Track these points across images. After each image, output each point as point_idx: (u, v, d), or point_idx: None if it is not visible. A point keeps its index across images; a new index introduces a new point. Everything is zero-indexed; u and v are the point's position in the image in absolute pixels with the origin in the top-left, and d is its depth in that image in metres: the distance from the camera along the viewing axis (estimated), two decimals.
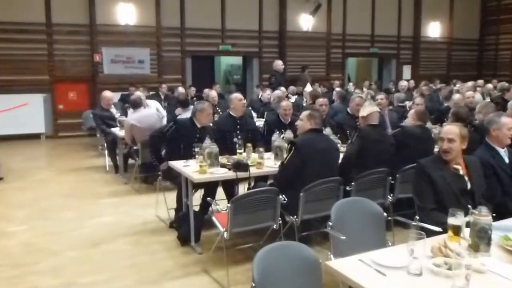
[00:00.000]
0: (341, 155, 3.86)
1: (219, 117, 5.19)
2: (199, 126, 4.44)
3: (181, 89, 8.57)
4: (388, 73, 13.75)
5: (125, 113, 6.70)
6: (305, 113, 3.64)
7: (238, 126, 4.71)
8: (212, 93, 7.36)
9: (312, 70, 11.68)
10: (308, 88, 8.76)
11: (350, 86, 9.85)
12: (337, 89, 8.65)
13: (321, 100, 5.61)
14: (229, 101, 4.84)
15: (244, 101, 4.82)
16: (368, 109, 4.01)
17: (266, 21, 11.49)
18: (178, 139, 4.34)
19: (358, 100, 5.48)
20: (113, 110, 6.73)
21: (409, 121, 4.31)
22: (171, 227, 4.29)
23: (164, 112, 6.71)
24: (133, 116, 5.60)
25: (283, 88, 8.29)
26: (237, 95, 4.79)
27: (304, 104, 7.75)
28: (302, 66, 11.46)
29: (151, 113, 5.72)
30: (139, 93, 6.53)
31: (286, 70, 11.52)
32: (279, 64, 8.86)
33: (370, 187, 3.66)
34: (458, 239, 2.15)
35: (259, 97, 8.27)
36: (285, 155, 3.60)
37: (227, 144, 4.51)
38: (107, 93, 6.74)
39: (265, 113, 6.59)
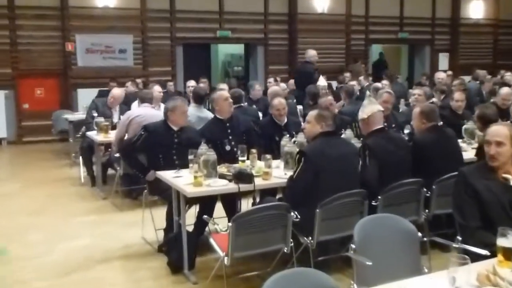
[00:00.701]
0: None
1: (203, 126, 5.16)
2: (175, 128, 4.46)
3: (199, 84, 8.38)
4: (420, 63, 13.76)
5: (105, 113, 6.67)
6: (312, 114, 3.64)
7: (229, 130, 4.67)
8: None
9: (328, 61, 11.72)
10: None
11: (362, 79, 9.77)
12: (354, 83, 8.64)
13: (324, 100, 5.52)
14: (212, 102, 4.80)
15: (230, 101, 4.74)
16: (368, 109, 3.87)
17: (273, 2, 11.55)
18: (152, 148, 4.38)
19: (386, 96, 5.44)
20: (115, 112, 6.67)
21: (416, 124, 4.18)
22: (159, 251, 4.30)
23: None
24: (136, 111, 5.61)
25: (283, 84, 8.32)
26: (221, 94, 4.71)
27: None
28: (355, 58, 11.56)
29: (159, 114, 5.52)
30: (158, 88, 6.63)
31: (296, 60, 11.57)
32: (312, 54, 8.90)
33: (400, 201, 3.65)
34: (509, 264, 2.14)
35: (248, 95, 8.17)
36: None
37: (219, 154, 4.44)
38: (113, 90, 6.75)
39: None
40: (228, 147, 4.58)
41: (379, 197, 3.53)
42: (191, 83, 7.95)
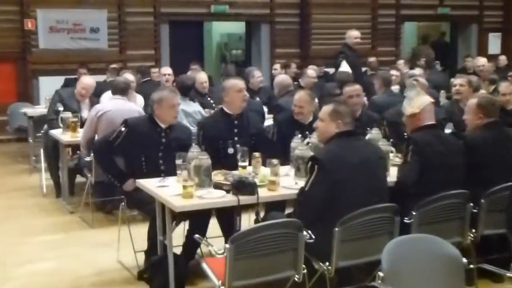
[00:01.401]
0: (395, 171, 3.86)
1: (206, 117, 5.17)
2: (163, 126, 4.48)
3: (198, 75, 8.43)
4: (465, 45, 13.71)
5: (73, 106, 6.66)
6: (326, 110, 3.64)
7: (236, 130, 4.71)
8: (201, 76, 7.41)
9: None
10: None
11: (401, 65, 9.83)
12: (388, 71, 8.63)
13: (349, 90, 5.46)
14: (223, 92, 4.83)
15: (246, 94, 4.79)
16: (418, 101, 3.93)
17: None
18: (134, 149, 4.40)
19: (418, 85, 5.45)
20: (85, 106, 6.66)
21: (471, 119, 4.19)
22: (140, 279, 4.30)
23: None
24: (107, 104, 5.63)
25: (311, 71, 8.27)
26: (235, 83, 4.77)
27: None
28: (423, 35, 11.51)
29: (134, 109, 5.62)
30: (129, 77, 6.59)
31: (309, 42, 11.57)
32: (352, 35, 8.96)
33: (441, 218, 3.65)
34: None
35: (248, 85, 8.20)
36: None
37: (219, 157, 4.50)
38: (84, 80, 6.76)
39: (275, 116, 6.57)
40: (231, 150, 4.58)
41: (413, 212, 3.53)
42: (167, 70, 7.93)
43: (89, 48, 10.13)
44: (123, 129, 4.44)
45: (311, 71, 8.31)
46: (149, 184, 3.96)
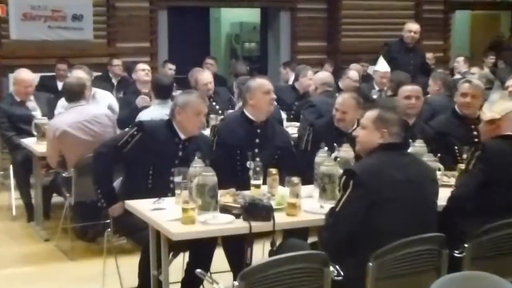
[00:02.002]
0: (444, 193, 3.83)
1: (222, 121, 5.17)
2: (182, 136, 4.49)
3: (168, 68, 8.57)
4: None
5: (50, 111, 6.77)
6: (370, 116, 3.64)
7: (258, 140, 4.76)
8: (205, 76, 7.42)
9: (389, 34, 11.65)
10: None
11: (460, 63, 9.82)
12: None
13: (409, 89, 5.55)
14: (247, 92, 4.85)
15: (273, 96, 4.83)
16: (501, 106, 3.96)
17: None
18: (143, 158, 4.40)
19: (467, 87, 5.41)
20: (32, 104, 6.82)
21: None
22: None
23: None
24: (65, 117, 5.67)
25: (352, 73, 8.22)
26: (262, 83, 4.82)
27: (375, 96, 7.76)
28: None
29: (100, 113, 5.77)
30: (81, 74, 6.59)
31: (340, 33, 11.54)
32: (407, 28, 9.03)
33: (500, 251, 3.63)
34: None
35: (291, 82, 8.30)
36: (337, 193, 3.59)
37: (235, 171, 4.55)
38: (23, 74, 6.82)
39: (302, 113, 6.63)
40: (250, 164, 4.52)
41: (466, 245, 3.51)
42: (142, 66, 7.91)
43: (71, 39, 10.15)
44: (135, 132, 4.43)
45: (354, 72, 8.13)
46: (141, 206, 3.96)
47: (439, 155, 4.62)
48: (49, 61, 9.50)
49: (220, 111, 6.82)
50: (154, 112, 5.89)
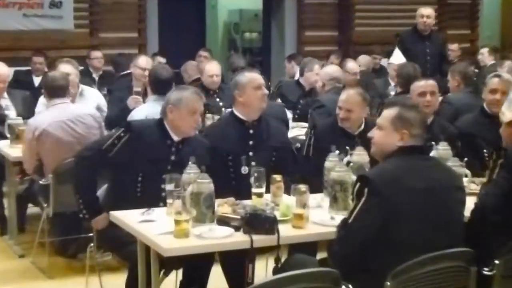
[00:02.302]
0: (471, 202, 3.81)
1: (211, 125, 5.19)
2: (175, 138, 4.48)
3: (158, 62, 8.57)
4: None
5: (26, 110, 6.73)
6: (388, 115, 3.63)
7: (252, 142, 4.77)
8: (213, 67, 7.39)
9: (407, 23, 11.63)
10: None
11: (485, 55, 9.78)
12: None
13: (422, 84, 5.56)
14: (235, 89, 4.87)
15: (265, 91, 4.83)
16: None
17: None
18: (131, 163, 4.39)
19: (496, 82, 5.41)
20: (5, 102, 6.76)
21: None
22: None
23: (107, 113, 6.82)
24: (45, 115, 5.67)
25: (350, 64, 8.22)
26: (252, 77, 4.83)
27: (392, 93, 7.73)
28: None
29: (84, 112, 5.71)
30: (68, 69, 6.56)
31: (353, 21, 11.53)
32: (419, 13, 9.01)
33: None
34: None
35: (297, 78, 8.29)
36: (350, 202, 3.59)
37: (229, 179, 4.56)
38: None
39: (311, 113, 6.62)
40: (245, 169, 4.56)
41: (496, 261, 3.49)
42: (144, 62, 7.78)
43: (48, 29, 10.24)
44: (122, 134, 4.42)
45: (352, 63, 8.24)
46: (128, 218, 3.94)
47: (465, 159, 4.62)
48: (24, 53, 9.57)
49: (223, 108, 6.77)
50: (149, 109, 5.84)
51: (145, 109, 5.97)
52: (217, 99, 7.20)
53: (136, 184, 4.38)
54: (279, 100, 7.43)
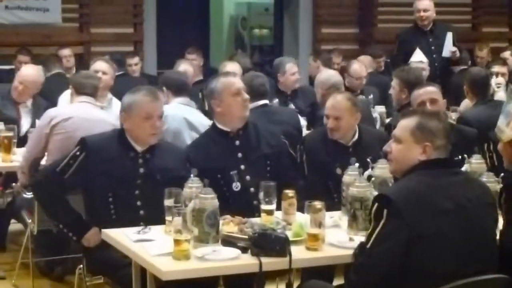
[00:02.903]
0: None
1: (192, 143, 5.17)
2: (138, 149, 4.51)
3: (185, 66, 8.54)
4: None
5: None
6: (406, 125, 3.59)
7: (240, 154, 4.76)
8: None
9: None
10: None
11: (510, 60, 9.70)
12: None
13: (420, 93, 5.50)
14: (211, 98, 4.80)
15: (245, 96, 4.77)
16: None
17: None
18: (95, 184, 4.44)
19: None
20: (27, 112, 6.85)
21: None
22: None
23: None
24: (69, 108, 5.76)
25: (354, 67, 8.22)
26: (227, 82, 4.78)
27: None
28: None
29: (108, 120, 5.66)
30: (103, 67, 6.68)
31: (376, 17, 11.54)
32: (415, 7, 9.09)
33: None
34: None
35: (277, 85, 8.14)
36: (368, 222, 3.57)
37: (224, 198, 4.42)
38: (28, 71, 6.87)
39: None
40: (236, 186, 4.59)
41: None
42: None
43: (34, 23, 10.22)
44: (78, 153, 4.46)
45: (357, 66, 8.18)
46: (122, 237, 3.96)
47: (502, 175, 4.40)
48: (6, 50, 9.63)
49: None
50: (175, 111, 5.88)
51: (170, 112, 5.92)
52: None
53: (109, 206, 4.41)
54: (292, 106, 7.45)
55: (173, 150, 4.81)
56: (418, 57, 8.37)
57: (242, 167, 4.69)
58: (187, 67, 7.55)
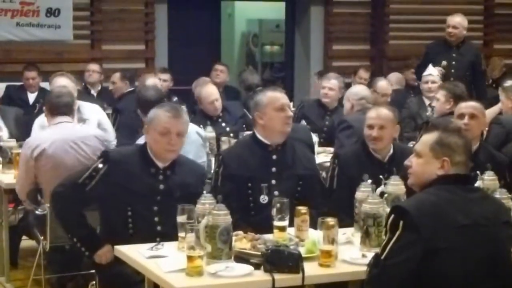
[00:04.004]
0: None
1: (228, 148, 5.21)
2: (160, 165, 4.51)
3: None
4: None
5: (19, 130, 6.88)
6: (426, 140, 3.61)
7: (274, 169, 4.79)
8: (209, 90, 7.41)
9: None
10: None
11: None
12: None
13: (462, 106, 5.63)
14: (255, 110, 4.87)
15: (289, 113, 4.82)
16: None
17: None
18: (115, 198, 4.44)
19: None
20: None
21: None
22: None
23: (111, 133, 6.85)
24: (46, 134, 5.73)
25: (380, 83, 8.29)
26: (274, 97, 4.83)
27: (429, 113, 7.80)
28: None
29: (90, 133, 5.75)
30: (63, 81, 6.64)
31: (387, 33, 11.56)
32: (447, 22, 9.15)
33: None
34: None
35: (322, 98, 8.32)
36: (383, 236, 3.56)
37: (248, 209, 4.57)
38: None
39: (337, 136, 6.69)
40: (264, 198, 4.58)
41: None
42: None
43: (45, 39, 10.25)
44: (100, 165, 4.47)
45: (384, 83, 8.23)
46: (135, 254, 3.96)
47: None
48: (17, 67, 9.61)
49: (231, 134, 6.83)
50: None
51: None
52: (223, 124, 7.21)
53: (127, 221, 4.41)
54: (303, 122, 7.47)
55: (192, 166, 4.82)
56: (429, 71, 8.39)
57: (273, 182, 4.70)
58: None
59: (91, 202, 4.55)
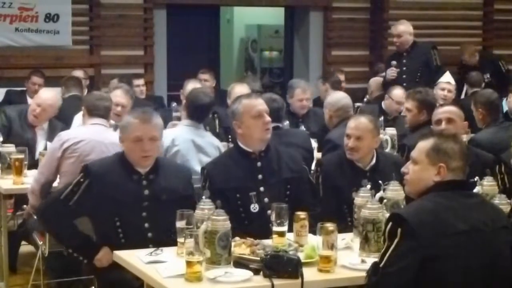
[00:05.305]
0: None
1: (212, 161, 5.15)
2: (141, 170, 4.50)
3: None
4: None
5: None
6: (423, 147, 3.61)
7: (261, 176, 4.77)
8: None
9: (447, 41, 11.71)
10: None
11: None
12: None
13: (438, 111, 5.69)
14: (232, 119, 4.86)
15: (267, 119, 4.76)
16: None
17: None
18: (102, 209, 4.46)
19: None
20: (43, 135, 6.91)
21: None
22: None
23: None
24: (81, 130, 5.81)
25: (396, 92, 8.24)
26: (249, 104, 4.78)
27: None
28: None
29: (118, 141, 5.74)
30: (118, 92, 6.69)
31: (386, 39, 11.59)
32: (394, 30, 9.22)
33: None
34: None
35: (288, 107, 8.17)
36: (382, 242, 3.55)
37: (240, 219, 4.53)
38: (46, 94, 6.92)
39: (323, 153, 6.58)
40: (255, 207, 4.61)
41: None
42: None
43: (44, 45, 10.26)
44: (81, 179, 4.47)
45: (400, 91, 8.14)
46: (134, 259, 3.97)
47: None
48: (16, 72, 9.65)
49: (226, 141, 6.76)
50: (181, 133, 5.97)
51: (173, 133, 6.02)
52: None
53: (117, 231, 4.42)
54: (302, 127, 7.49)
55: (177, 169, 4.82)
56: (446, 78, 8.40)
57: (262, 189, 4.69)
58: (196, 85, 7.55)
59: (78, 215, 4.54)
